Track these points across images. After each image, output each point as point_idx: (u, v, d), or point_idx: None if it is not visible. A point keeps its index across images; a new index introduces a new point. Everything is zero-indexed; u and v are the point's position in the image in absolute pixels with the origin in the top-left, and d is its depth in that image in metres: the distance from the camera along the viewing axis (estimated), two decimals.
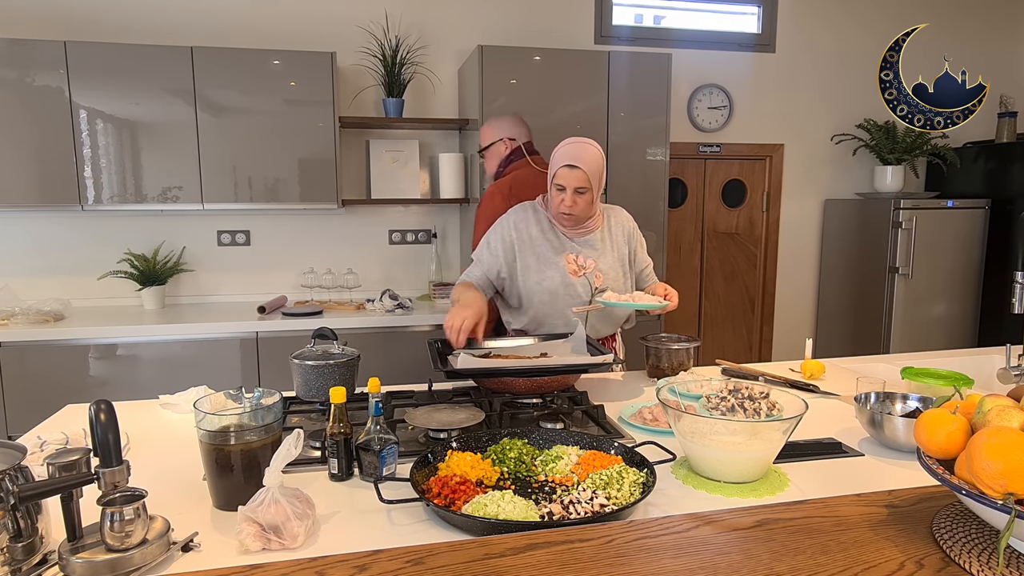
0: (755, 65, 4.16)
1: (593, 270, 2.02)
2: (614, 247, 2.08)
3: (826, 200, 4.42)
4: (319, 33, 3.51)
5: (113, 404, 1.03)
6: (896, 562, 0.90)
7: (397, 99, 3.49)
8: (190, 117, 3.10)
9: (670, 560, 0.90)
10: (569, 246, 2.04)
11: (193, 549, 1.03)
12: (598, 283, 2.01)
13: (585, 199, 1.94)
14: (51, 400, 1.93)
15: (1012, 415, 0.91)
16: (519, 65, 3.27)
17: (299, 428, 1.13)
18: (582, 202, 1.94)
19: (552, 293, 2.01)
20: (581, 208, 1.95)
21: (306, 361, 1.53)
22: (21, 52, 2.92)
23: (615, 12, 3.93)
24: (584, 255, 2.03)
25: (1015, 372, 1.86)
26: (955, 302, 4.08)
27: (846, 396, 1.82)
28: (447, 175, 3.54)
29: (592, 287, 2.01)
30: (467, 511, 1.09)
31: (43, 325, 2.95)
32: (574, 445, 1.37)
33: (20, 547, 0.94)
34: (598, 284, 2.01)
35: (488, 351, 1.87)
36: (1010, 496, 0.83)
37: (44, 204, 3.05)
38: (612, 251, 2.07)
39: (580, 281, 2.01)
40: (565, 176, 1.92)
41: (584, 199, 1.94)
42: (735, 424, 1.28)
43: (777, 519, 1.02)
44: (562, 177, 1.92)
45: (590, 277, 2.01)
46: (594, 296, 2.00)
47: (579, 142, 1.95)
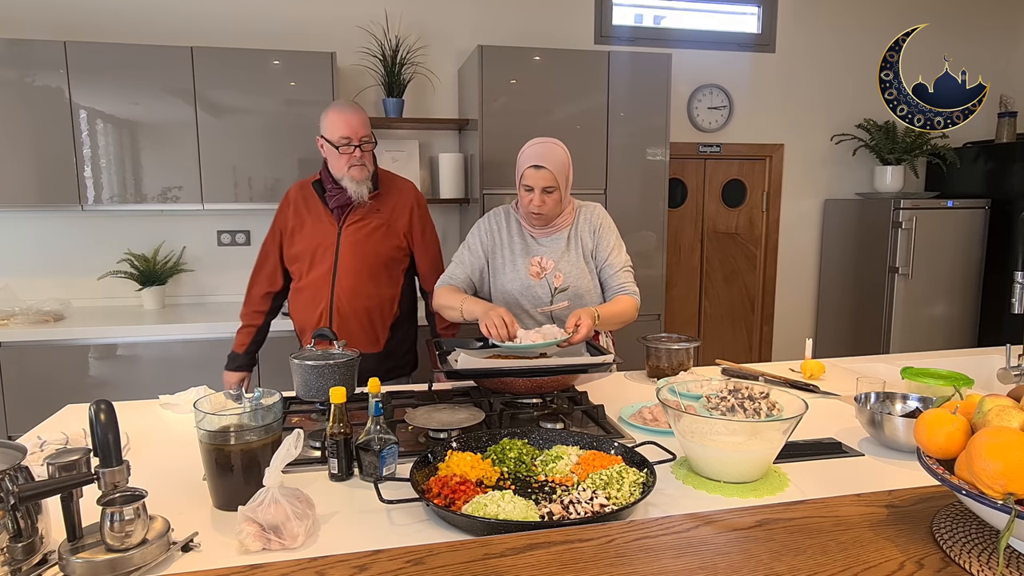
0: (755, 65, 4.16)
1: (552, 270, 2.04)
2: (579, 244, 2.09)
3: (826, 200, 4.42)
4: (319, 33, 3.51)
5: (113, 404, 1.03)
6: (896, 562, 0.90)
7: (397, 99, 3.49)
8: (190, 117, 3.10)
9: (670, 560, 0.90)
10: (535, 248, 2.08)
11: (193, 549, 1.03)
12: (557, 283, 2.04)
13: (553, 198, 1.98)
14: (51, 400, 1.93)
15: (1012, 415, 0.91)
16: (519, 65, 3.27)
17: (299, 428, 1.13)
18: (551, 201, 1.98)
19: (515, 294, 2.05)
20: (550, 207, 1.99)
21: (306, 361, 1.53)
22: (21, 52, 2.92)
23: (615, 12, 3.93)
24: (547, 256, 2.06)
25: (1015, 372, 1.86)
26: (955, 302, 4.08)
27: (846, 396, 1.82)
28: (447, 175, 3.54)
29: (552, 288, 2.04)
30: (467, 511, 1.09)
31: (43, 325, 2.95)
32: (574, 445, 1.37)
33: (20, 547, 0.94)
34: (557, 284, 2.04)
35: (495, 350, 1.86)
36: (1010, 496, 0.83)
37: (44, 204, 3.05)
38: (577, 249, 2.08)
39: (540, 283, 2.04)
40: (532, 176, 1.96)
41: (552, 198, 1.98)
42: (735, 424, 1.28)
43: (777, 519, 1.02)
44: (529, 178, 1.96)
45: (549, 278, 2.04)
46: (554, 296, 2.04)
47: (544, 142, 1.99)
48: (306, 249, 2.16)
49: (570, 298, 2.03)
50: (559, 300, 2.03)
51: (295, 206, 2.19)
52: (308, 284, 2.18)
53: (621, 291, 2.05)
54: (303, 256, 2.17)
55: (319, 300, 2.17)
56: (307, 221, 2.17)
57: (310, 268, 2.17)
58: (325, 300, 2.16)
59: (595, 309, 1.83)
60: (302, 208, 2.18)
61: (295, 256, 2.19)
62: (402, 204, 2.21)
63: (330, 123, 2.06)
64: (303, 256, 2.17)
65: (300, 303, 2.23)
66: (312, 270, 2.17)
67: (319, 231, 2.15)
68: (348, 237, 2.14)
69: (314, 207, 2.17)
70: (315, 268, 2.16)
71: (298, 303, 2.24)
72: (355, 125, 2.05)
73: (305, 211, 2.17)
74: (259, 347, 2.34)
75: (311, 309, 2.19)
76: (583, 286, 2.06)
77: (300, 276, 2.20)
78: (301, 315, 2.24)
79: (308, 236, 2.16)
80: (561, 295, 2.03)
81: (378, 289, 2.19)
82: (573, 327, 1.76)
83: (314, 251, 2.15)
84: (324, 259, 2.15)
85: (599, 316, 1.82)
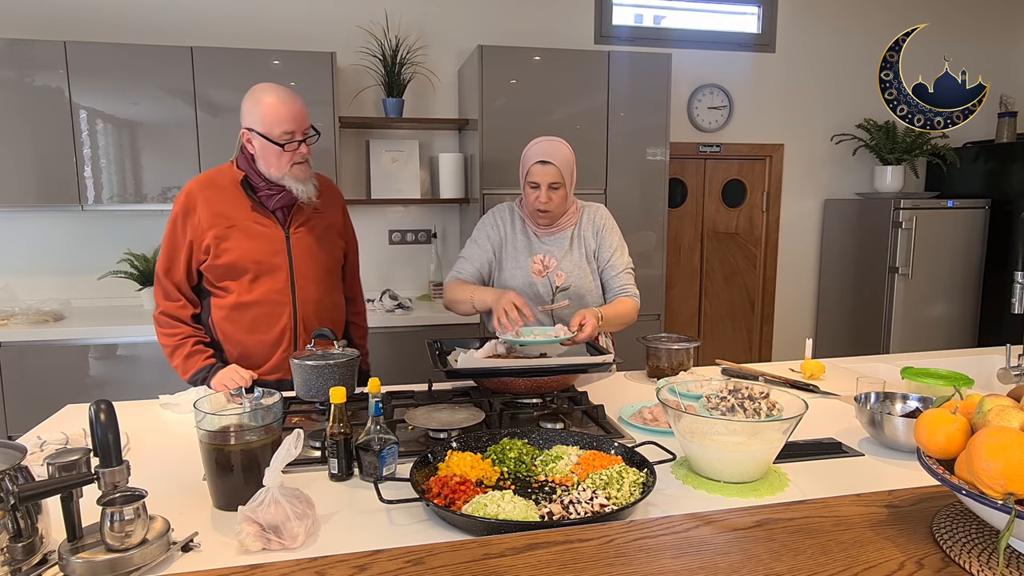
0: (755, 65, 4.16)
1: (555, 269, 2.05)
2: (582, 244, 2.10)
3: (826, 200, 4.42)
4: (319, 33, 3.51)
5: (113, 404, 1.03)
6: (896, 562, 0.90)
7: (397, 99, 3.49)
8: (190, 117, 3.10)
9: (670, 560, 0.90)
10: (538, 247, 2.08)
11: (193, 549, 1.03)
12: (559, 282, 2.05)
13: (559, 195, 1.98)
14: (51, 400, 1.93)
15: (1012, 415, 0.91)
16: (519, 65, 3.27)
17: (299, 428, 1.13)
18: (556, 198, 1.98)
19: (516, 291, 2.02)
20: (556, 204, 1.99)
21: (306, 361, 1.53)
22: (21, 52, 2.92)
23: (615, 12, 3.93)
24: (550, 255, 2.06)
25: (1015, 372, 1.86)
26: (955, 302, 4.08)
27: (846, 396, 1.82)
28: (447, 175, 3.54)
29: (553, 286, 2.05)
30: (467, 511, 1.09)
31: (43, 325, 2.95)
32: (574, 445, 1.37)
33: (20, 547, 0.93)
34: (559, 283, 2.05)
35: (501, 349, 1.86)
36: (1010, 496, 0.83)
37: (44, 204, 3.05)
38: (579, 249, 2.09)
39: (542, 281, 2.05)
40: (538, 173, 1.96)
41: (558, 195, 1.98)
42: (735, 424, 1.28)
43: (777, 519, 1.02)
44: (535, 174, 1.96)
45: (551, 276, 2.05)
46: (555, 295, 2.04)
47: (550, 140, 2.00)
48: (243, 259, 1.81)
49: (571, 297, 2.04)
50: (560, 299, 2.04)
51: (207, 208, 1.80)
52: (257, 299, 1.84)
53: (623, 293, 2.06)
54: (241, 267, 1.82)
55: (277, 317, 1.86)
56: (237, 226, 1.81)
57: (255, 281, 1.83)
58: (286, 316, 1.86)
59: (599, 310, 1.85)
60: (221, 211, 1.81)
61: (226, 269, 1.82)
62: (333, 201, 2.00)
63: (268, 114, 1.74)
64: (241, 267, 1.82)
65: (244, 323, 1.85)
66: (259, 283, 1.84)
67: (259, 237, 1.83)
68: (299, 241, 1.87)
69: (243, 209, 1.82)
70: (263, 280, 1.84)
71: (240, 323, 1.85)
72: (300, 117, 1.77)
73: (230, 214, 1.81)
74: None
75: (266, 328, 1.86)
76: (584, 286, 2.06)
77: (240, 291, 1.84)
78: (250, 338, 1.86)
79: (242, 244, 1.81)
80: (562, 294, 2.04)
81: (336, 297, 2.00)
82: (577, 326, 1.77)
83: (257, 261, 1.82)
84: (274, 269, 1.84)
85: (602, 317, 1.84)
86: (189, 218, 1.81)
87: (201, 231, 1.80)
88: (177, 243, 1.82)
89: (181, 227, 1.81)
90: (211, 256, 1.81)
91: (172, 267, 1.83)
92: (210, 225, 1.80)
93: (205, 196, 1.82)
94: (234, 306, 1.84)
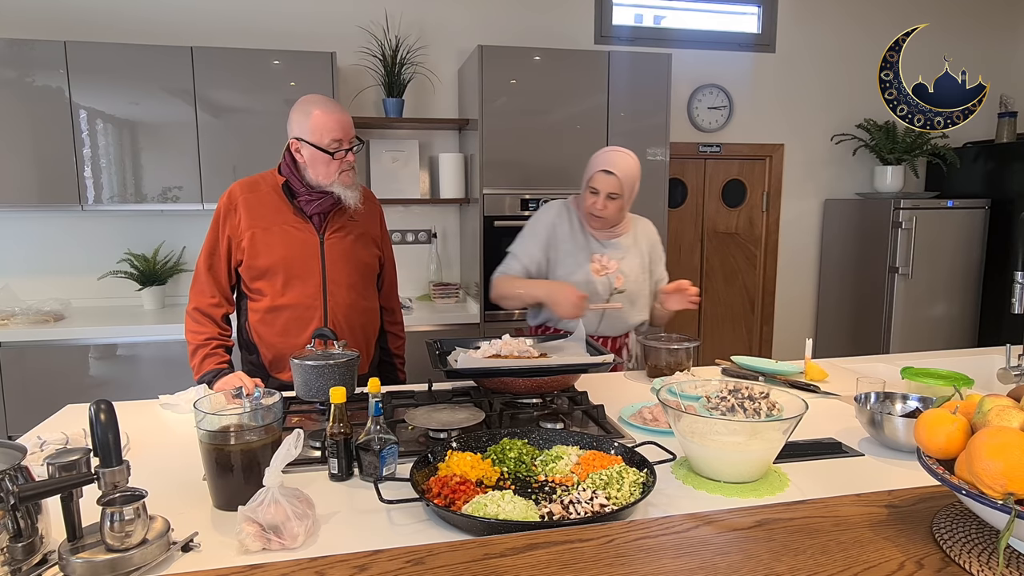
0: (755, 65, 4.16)
1: (615, 271, 2.10)
2: (639, 253, 2.17)
3: (826, 200, 4.42)
4: (319, 33, 3.51)
5: (113, 404, 1.03)
6: (896, 562, 0.90)
7: (397, 99, 3.49)
8: (190, 117, 3.10)
9: (670, 560, 0.90)
10: (596, 246, 2.13)
11: (193, 549, 1.03)
12: (618, 284, 2.10)
13: (616, 204, 2.05)
14: (51, 400, 1.93)
15: (1012, 415, 0.91)
16: (519, 65, 3.27)
17: (299, 428, 1.13)
18: (613, 207, 2.04)
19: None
20: (611, 212, 2.06)
21: (306, 361, 1.53)
22: (21, 52, 2.92)
23: (615, 12, 3.93)
24: (609, 256, 2.11)
25: (1015, 372, 1.86)
26: (955, 302, 4.08)
27: (846, 396, 1.82)
28: (447, 175, 3.54)
29: (612, 287, 2.09)
30: (467, 511, 1.09)
31: (43, 325, 2.95)
32: (574, 445, 1.37)
33: (20, 547, 0.94)
34: (618, 285, 2.09)
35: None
36: (1010, 496, 0.83)
37: (44, 204, 3.05)
38: (637, 256, 2.16)
39: (601, 280, 2.09)
40: (601, 180, 2.03)
41: (615, 204, 2.05)
42: (735, 424, 1.28)
43: (777, 519, 1.02)
44: (598, 181, 2.04)
45: (611, 277, 2.10)
46: (611, 296, 2.08)
47: (618, 151, 2.07)
48: (278, 262, 1.87)
49: (624, 300, 2.10)
50: (615, 301, 2.09)
51: (247, 210, 1.88)
52: (289, 303, 1.89)
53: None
54: (275, 270, 1.88)
55: (308, 320, 1.90)
56: (273, 229, 1.87)
57: (287, 284, 1.88)
58: (317, 320, 1.90)
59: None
60: (261, 213, 1.88)
61: (261, 270, 1.88)
62: (371, 210, 2.04)
63: (317, 124, 1.81)
64: (275, 270, 1.88)
65: (278, 326, 1.91)
66: (291, 286, 1.89)
67: (294, 240, 1.88)
68: (333, 247, 1.91)
69: (281, 213, 1.88)
70: (295, 284, 1.89)
71: (274, 326, 1.91)
72: (347, 126, 1.85)
73: (267, 217, 1.88)
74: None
75: (297, 332, 1.90)
76: (640, 291, 2.15)
77: (273, 294, 1.89)
78: (283, 341, 1.91)
79: (277, 246, 1.87)
80: (618, 296, 2.07)
81: (369, 302, 2.03)
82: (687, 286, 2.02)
83: (290, 264, 1.87)
84: (308, 273, 1.89)
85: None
86: (229, 217, 1.89)
87: (240, 230, 1.88)
88: (217, 240, 1.90)
89: (222, 225, 1.89)
90: (247, 256, 1.88)
91: (214, 263, 1.91)
92: (248, 225, 1.87)
93: (246, 198, 1.90)
94: (268, 309, 1.91)
